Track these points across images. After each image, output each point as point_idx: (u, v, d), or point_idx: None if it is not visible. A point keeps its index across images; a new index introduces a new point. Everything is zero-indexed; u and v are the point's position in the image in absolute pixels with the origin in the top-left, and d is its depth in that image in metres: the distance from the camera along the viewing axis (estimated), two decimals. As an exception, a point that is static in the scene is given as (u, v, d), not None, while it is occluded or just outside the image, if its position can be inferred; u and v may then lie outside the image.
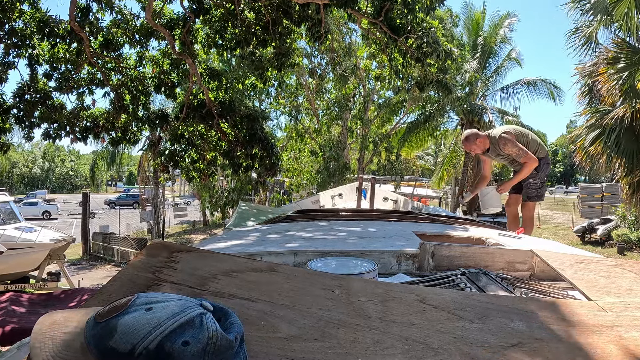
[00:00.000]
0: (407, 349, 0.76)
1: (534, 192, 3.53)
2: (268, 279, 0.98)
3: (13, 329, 3.89)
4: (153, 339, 0.53)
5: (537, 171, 3.42)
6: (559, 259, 1.44)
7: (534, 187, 3.52)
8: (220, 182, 19.18)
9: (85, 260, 14.00)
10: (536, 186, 3.51)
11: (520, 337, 0.81)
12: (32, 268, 8.69)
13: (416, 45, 5.57)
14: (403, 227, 2.43)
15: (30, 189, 44.96)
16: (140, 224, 18.59)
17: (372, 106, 16.38)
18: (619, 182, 8.68)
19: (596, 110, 8.01)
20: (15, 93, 6.34)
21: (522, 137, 3.40)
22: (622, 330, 0.86)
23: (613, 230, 13.73)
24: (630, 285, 1.14)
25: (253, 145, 7.08)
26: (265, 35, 6.06)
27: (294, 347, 0.73)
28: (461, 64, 13.03)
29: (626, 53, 7.09)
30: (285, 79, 15.42)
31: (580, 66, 8.70)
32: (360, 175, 8.72)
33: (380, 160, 17.68)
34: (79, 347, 0.56)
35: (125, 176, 55.08)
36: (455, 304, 0.93)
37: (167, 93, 6.88)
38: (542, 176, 3.48)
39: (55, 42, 6.03)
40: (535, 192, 3.52)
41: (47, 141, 7.02)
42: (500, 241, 2.02)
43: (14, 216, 11.83)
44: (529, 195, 3.54)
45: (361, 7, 5.71)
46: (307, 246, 1.78)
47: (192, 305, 0.58)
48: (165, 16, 6.32)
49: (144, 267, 0.95)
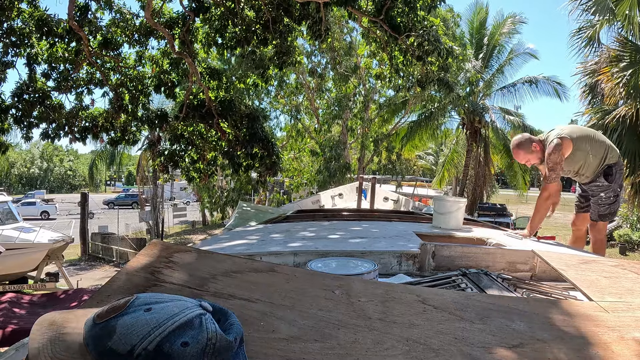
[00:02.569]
0: (408, 349, 0.75)
1: (606, 209, 2.74)
2: (268, 280, 0.97)
3: (14, 330, 3.88)
4: (152, 340, 0.53)
5: (608, 182, 2.69)
6: (561, 259, 1.44)
7: (606, 202, 2.74)
8: (219, 182, 19.17)
9: (84, 261, 13.98)
10: (609, 201, 2.73)
11: (522, 338, 0.81)
12: (30, 268, 8.67)
13: (417, 43, 5.56)
14: (404, 227, 2.43)
15: (28, 189, 44.90)
16: (139, 224, 18.57)
17: (372, 105, 16.38)
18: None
19: (598, 110, 8.01)
20: (14, 93, 6.33)
21: (584, 141, 2.65)
22: (624, 331, 0.85)
23: (615, 231, 13.72)
24: (632, 286, 1.14)
25: (253, 145, 7.07)
26: (265, 34, 6.06)
27: (293, 348, 0.73)
28: (462, 63, 13.04)
29: (629, 52, 7.08)
30: (285, 78, 15.43)
31: (582, 65, 8.70)
32: (361, 175, 8.73)
33: (380, 160, 17.69)
34: (78, 347, 0.55)
35: (124, 176, 55.07)
36: (456, 305, 0.93)
37: (166, 93, 6.88)
38: (615, 188, 2.72)
39: (54, 41, 6.02)
40: (607, 208, 2.74)
41: (46, 141, 7.00)
42: (501, 241, 2.01)
43: (12, 216, 11.82)
44: (601, 214, 2.77)
45: (361, 5, 5.71)
46: (307, 246, 1.77)
47: (191, 306, 0.58)
48: (164, 15, 6.31)
49: (143, 267, 0.94)
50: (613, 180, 2.70)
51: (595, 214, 2.80)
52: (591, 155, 2.67)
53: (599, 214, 2.78)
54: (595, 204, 2.78)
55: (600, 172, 2.71)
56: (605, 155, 2.68)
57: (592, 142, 2.67)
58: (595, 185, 2.75)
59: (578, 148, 2.63)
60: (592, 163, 2.69)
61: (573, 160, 2.67)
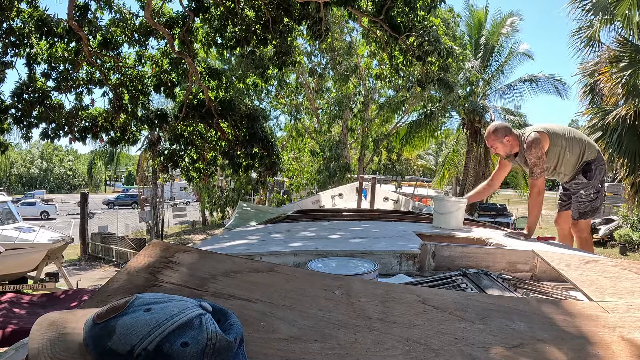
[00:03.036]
0: (408, 350, 0.75)
1: (586, 207, 2.72)
2: (268, 280, 0.97)
3: (13, 330, 3.87)
4: (152, 340, 0.53)
5: (587, 179, 2.67)
6: (561, 259, 1.44)
7: (586, 199, 2.71)
8: (219, 182, 19.17)
9: (83, 261, 13.97)
10: (589, 198, 2.71)
11: (522, 338, 0.81)
12: (30, 269, 8.67)
13: (417, 43, 5.56)
14: (404, 227, 2.42)
15: (28, 189, 44.87)
16: (139, 224, 18.57)
17: (372, 105, 16.39)
18: (621, 182, 8.68)
19: (598, 110, 8.01)
20: (14, 93, 6.33)
21: (560, 137, 2.64)
22: (625, 331, 0.85)
23: (615, 231, 13.72)
24: (632, 286, 1.14)
25: (253, 145, 7.08)
26: (265, 34, 6.06)
27: (293, 348, 0.73)
28: (462, 62, 13.04)
29: (629, 52, 7.09)
30: (285, 77, 15.43)
31: (582, 65, 8.70)
32: (361, 175, 8.73)
33: (380, 160, 17.69)
34: (78, 348, 0.55)
35: (124, 176, 55.07)
36: (456, 305, 0.92)
37: (166, 92, 6.88)
38: (595, 184, 2.69)
39: (53, 41, 6.02)
40: (588, 205, 2.72)
41: (46, 141, 7.01)
42: (502, 241, 2.01)
43: (12, 216, 11.82)
44: (581, 212, 2.74)
45: (361, 5, 5.71)
46: (307, 246, 1.77)
47: (191, 306, 0.58)
48: (164, 15, 6.31)
49: (143, 267, 0.94)
50: (592, 177, 2.67)
51: (576, 212, 2.77)
52: (568, 152, 2.65)
53: (579, 212, 2.75)
54: (576, 202, 2.76)
55: (579, 169, 2.69)
56: (583, 152, 2.66)
57: (568, 138, 2.65)
58: (575, 182, 2.74)
59: (554, 144, 2.61)
60: (569, 160, 2.67)
61: (549, 156, 2.65)
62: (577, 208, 2.76)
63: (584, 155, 2.66)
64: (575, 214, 2.78)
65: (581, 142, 2.66)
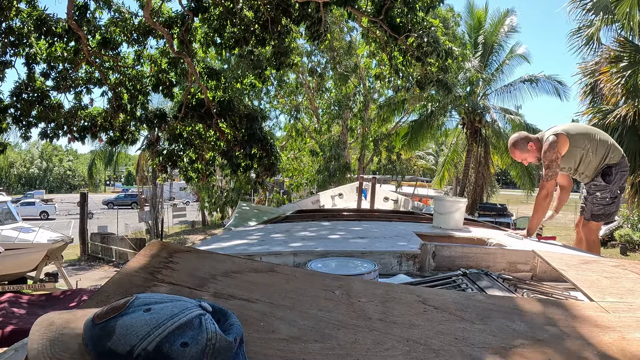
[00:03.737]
0: (408, 350, 0.75)
1: (599, 210, 2.67)
2: (268, 280, 0.97)
3: (13, 330, 3.87)
4: (152, 340, 0.52)
5: (606, 182, 2.60)
6: (561, 259, 1.44)
7: (600, 202, 2.66)
8: (219, 182, 19.16)
9: (83, 261, 13.96)
10: (604, 202, 2.65)
11: (522, 339, 0.81)
12: (29, 269, 8.66)
13: (416, 44, 5.57)
14: (404, 227, 2.42)
15: (27, 189, 44.82)
16: (138, 224, 18.56)
17: (372, 105, 16.38)
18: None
19: (598, 110, 8.01)
20: (13, 92, 6.32)
21: (584, 139, 2.57)
22: (625, 332, 0.85)
23: (615, 231, 13.73)
24: (633, 286, 1.14)
25: (252, 145, 7.08)
26: (264, 34, 6.06)
27: (293, 348, 0.73)
28: (462, 62, 13.03)
29: (629, 52, 7.10)
30: (284, 77, 15.43)
31: (582, 65, 8.71)
32: (361, 175, 8.73)
33: (380, 160, 17.69)
34: (77, 348, 0.55)
35: (124, 176, 55.04)
36: (456, 305, 0.92)
37: (165, 92, 6.87)
38: (614, 189, 2.62)
39: (52, 40, 6.01)
40: (602, 209, 2.66)
41: (45, 141, 7.00)
42: (502, 241, 2.01)
43: (12, 216, 11.81)
44: (594, 213, 2.70)
45: (361, 5, 5.71)
46: (307, 246, 1.77)
47: (191, 306, 0.58)
48: (163, 14, 6.30)
49: (143, 267, 0.94)
50: (611, 181, 2.61)
51: (588, 213, 2.74)
52: (590, 153, 2.59)
53: (592, 213, 2.71)
54: (590, 203, 2.72)
55: (599, 172, 2.65)
56: (607, 155, 2.59)
57: (592, 139, 2.59)
58: (594, 184, 2.70)
59: (575, 145, 2.56)
60: (592, 161, 2.62)
61: (570, 157, 2.61)
62: (590, 209, 2.73)
63: (607, 158, 2.61)
64: (588, 214, 2.75)
65: (606, 145, 2.61)
